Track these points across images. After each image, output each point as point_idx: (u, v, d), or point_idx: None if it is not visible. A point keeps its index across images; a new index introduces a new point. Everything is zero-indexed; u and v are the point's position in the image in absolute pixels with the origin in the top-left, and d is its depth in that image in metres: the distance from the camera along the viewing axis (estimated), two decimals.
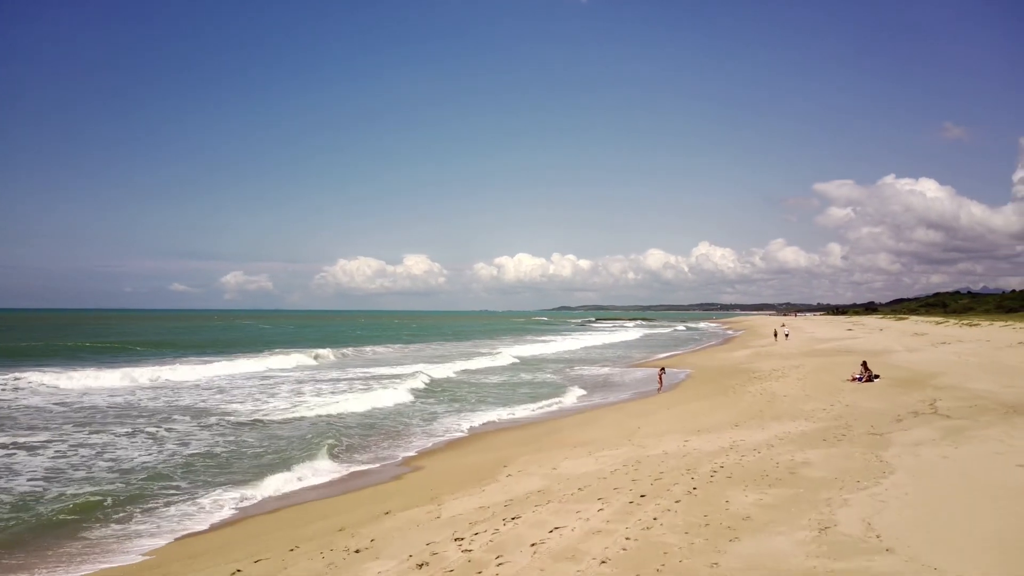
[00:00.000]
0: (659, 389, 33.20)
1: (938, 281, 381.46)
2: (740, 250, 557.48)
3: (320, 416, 26.34)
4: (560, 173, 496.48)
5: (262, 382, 38.90)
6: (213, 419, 25.74)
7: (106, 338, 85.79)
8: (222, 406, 29.37)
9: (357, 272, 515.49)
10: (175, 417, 26.23)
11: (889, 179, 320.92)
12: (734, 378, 34.96)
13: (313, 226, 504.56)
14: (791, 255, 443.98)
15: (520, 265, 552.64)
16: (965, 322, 76.38)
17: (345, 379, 40.37)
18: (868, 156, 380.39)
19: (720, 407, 24.86)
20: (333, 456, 19.58)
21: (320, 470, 18.09)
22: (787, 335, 76.17)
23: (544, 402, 31.50)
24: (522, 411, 28.91)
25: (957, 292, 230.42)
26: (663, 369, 35.38)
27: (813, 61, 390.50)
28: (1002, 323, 69.80)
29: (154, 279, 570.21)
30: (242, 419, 25.70)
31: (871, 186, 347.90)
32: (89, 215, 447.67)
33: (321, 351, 59.41)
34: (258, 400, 31.50)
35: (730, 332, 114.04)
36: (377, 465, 18.96)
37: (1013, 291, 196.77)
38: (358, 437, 22.57)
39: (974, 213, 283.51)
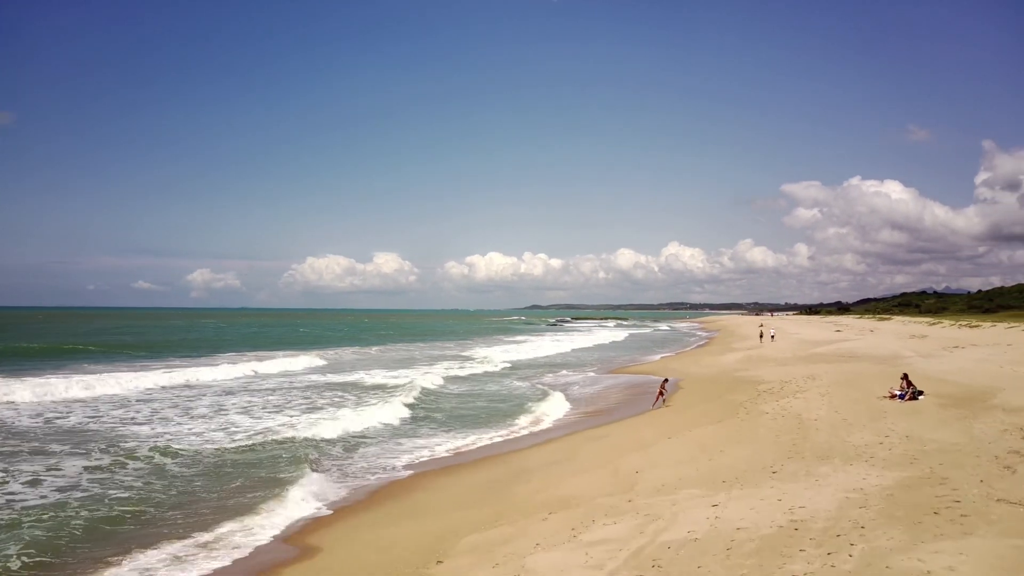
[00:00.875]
0: (656, 402, 27.48)
1: (902, 281, 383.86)
2: (709, 250, 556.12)
3: (231, 447, 20.08)
4: (531, 172, 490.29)
5: (190, 395, 32.39)
6: (58, 458, 19.32)
7: (45, 339, 78.15)
8: (111, 430, 22.95)
9: (326, 270, 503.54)
10: (51, 448, 19.78)
11: (855, 180, 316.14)
12: (737, 391, 29.27)
13: (282, 223, 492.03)
14: (759, 255, 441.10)
15: (491, 264, 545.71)
16: (963, 323, 71.83)
17: (282, 390, 34.06)
18: (834, 158, 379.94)
19: (737, 436, 19.06)
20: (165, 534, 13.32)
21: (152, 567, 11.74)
22: (772, 336, 71.08)
23: (513, 424, 25.57)
24: (485, 436, 22.93)
25: (924, 292, 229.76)
26: (666, 381, 29.68)
27: (780, 63, 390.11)
28: (1007, 324, 65.36)
29: (117, 276, 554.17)
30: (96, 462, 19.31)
31: (837, 187, 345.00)
32: (47, 210, 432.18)
33: (279, 360, 52.78)
34: (167, 421, 25.12)
35: (705, 333, 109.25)
36: (231, 555, 11.74)
37: (980, 291, 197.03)
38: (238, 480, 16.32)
39: (937, 215, 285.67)
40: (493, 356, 58.50)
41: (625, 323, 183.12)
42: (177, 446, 20.17)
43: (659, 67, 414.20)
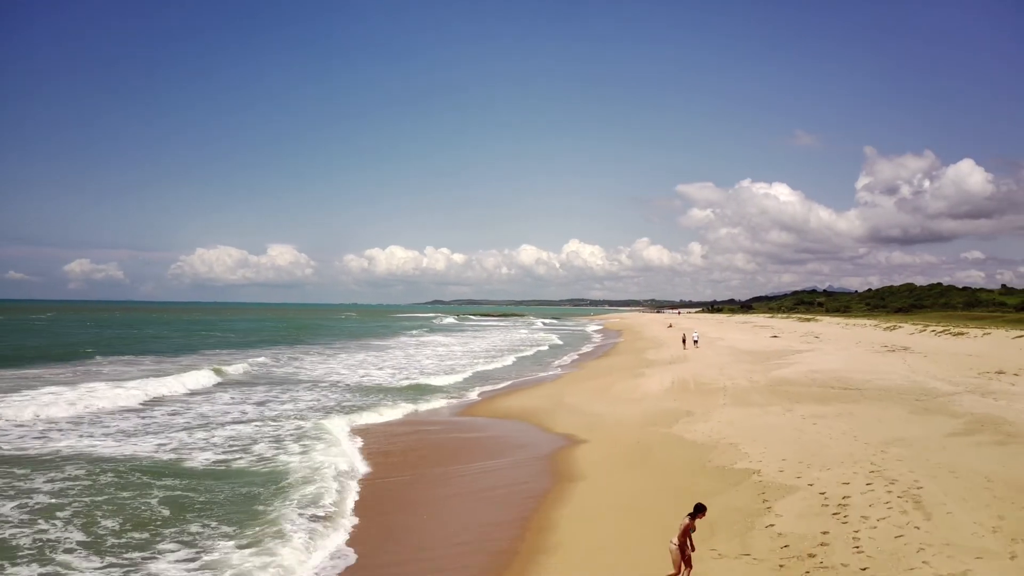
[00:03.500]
0: None
1: (789, 280, 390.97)
2: (608, 248, 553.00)
3: None
4: (432, 166, 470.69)
5: None
6: None
7: None
8: None
9: (217, 262, 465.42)
10: None
11: (746, 183, 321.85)
12: (712, 497, 12.01)
13: (169, 212, 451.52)
14: (655, 253, 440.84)
15: (392, 257, 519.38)
16: (939, 328, 58.15)
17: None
18: (727, 160, 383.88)
19: None
20: None
21: None
22: (696, 341, 55.44)
23: None
24: None
25: (814, 290, 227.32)
26: None
27: (677, 67, 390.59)
28: (1001, 329, 52.27)
29: None
30: None
31: (729, 189, 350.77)
32: None
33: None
34: None
35: (601, 338, 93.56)
36: None
37: (870, 290, 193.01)
38: None
39: (822, 217, 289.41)
40: (338, 372, 39.90)
41: (521, 321, 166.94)
42: None
43: (560, 68, 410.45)
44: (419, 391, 32.54)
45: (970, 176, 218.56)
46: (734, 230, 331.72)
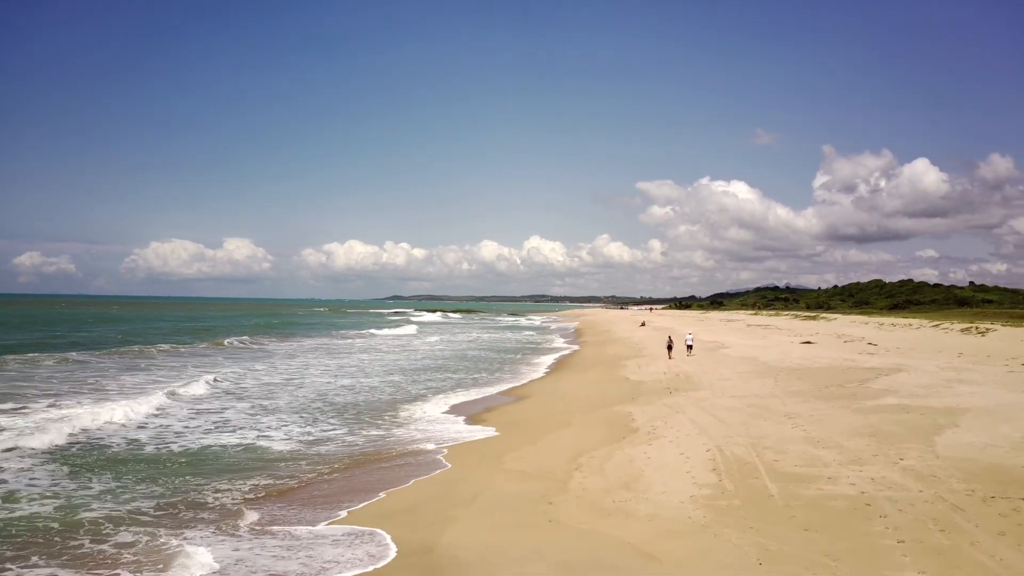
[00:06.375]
0: None
1: (747, 277, 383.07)
2: (569, 244, 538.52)
3: None
4: (392, 160, 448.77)
5: None
6: None
7: None
8: None
9: (172, 256, 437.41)
10: None
11: (705, 180, 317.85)
12: None
13: (123, 204, 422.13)
14: (616, 250, 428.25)
15: (351, 252, 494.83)
16: (971, 325, 41.82)
17: None
18: (687, 158, 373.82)
19: None
20: None
21: None
22: (690, 346, 38.30)
23: None
24: None
25: (776, 287, 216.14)
26: None
27: (638, 65, 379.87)
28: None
29: None
30: None
31: (689, 187, 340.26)
32: None
33: None
34: None
35: (565, 341, 76.20)
36: None
37: (836, 286, 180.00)
38: None
39: (780, 215, 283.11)
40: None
41: (476, 317, 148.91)
42: None
43: (521, 64, 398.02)
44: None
45: (925, 175, 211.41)
46: (693, 227, 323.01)
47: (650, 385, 26.40)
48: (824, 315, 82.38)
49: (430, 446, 17.46)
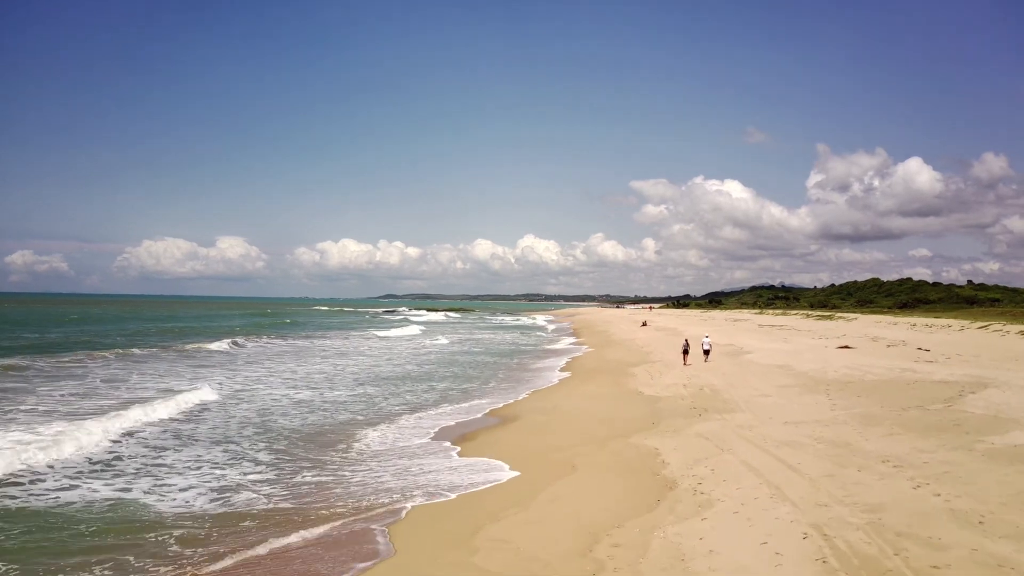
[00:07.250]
0: None
1: (741, 276, 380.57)
2: (563, 243, 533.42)
3: None
4: (386, 159, 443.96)
5: None
6: None
7: None
8: None
9: (164, 254, 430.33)
10: None
11: (699, 179, 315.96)
12: None
13: (115, 203, 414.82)
14: (610, 249, 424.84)
15: (345, 251, 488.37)
16: (980, 325, 36.81)
17: None
18: (681, 157, 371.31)
19: None
20: None
21: None
22: (707, 352, 33.15)
23: None
24: None
25: (771, 286, 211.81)
26: None
27: (631, 64, 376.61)
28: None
29: None
30: None
31: (683, 186, 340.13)
32: None
33: None
34: None
35: (557, 337, 70.97)
36: None
37: (833, 284, 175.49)
38: None
39: (774, 214, 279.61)
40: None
41: (467, 318, 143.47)
42: None
43: (515, 64, 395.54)
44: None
45: (919, 174, 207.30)
46: (687, 226, 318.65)
47: (670, 402, 21.20)
48: (841, 314, 77.26)
49: (377, 510, 12.10)
